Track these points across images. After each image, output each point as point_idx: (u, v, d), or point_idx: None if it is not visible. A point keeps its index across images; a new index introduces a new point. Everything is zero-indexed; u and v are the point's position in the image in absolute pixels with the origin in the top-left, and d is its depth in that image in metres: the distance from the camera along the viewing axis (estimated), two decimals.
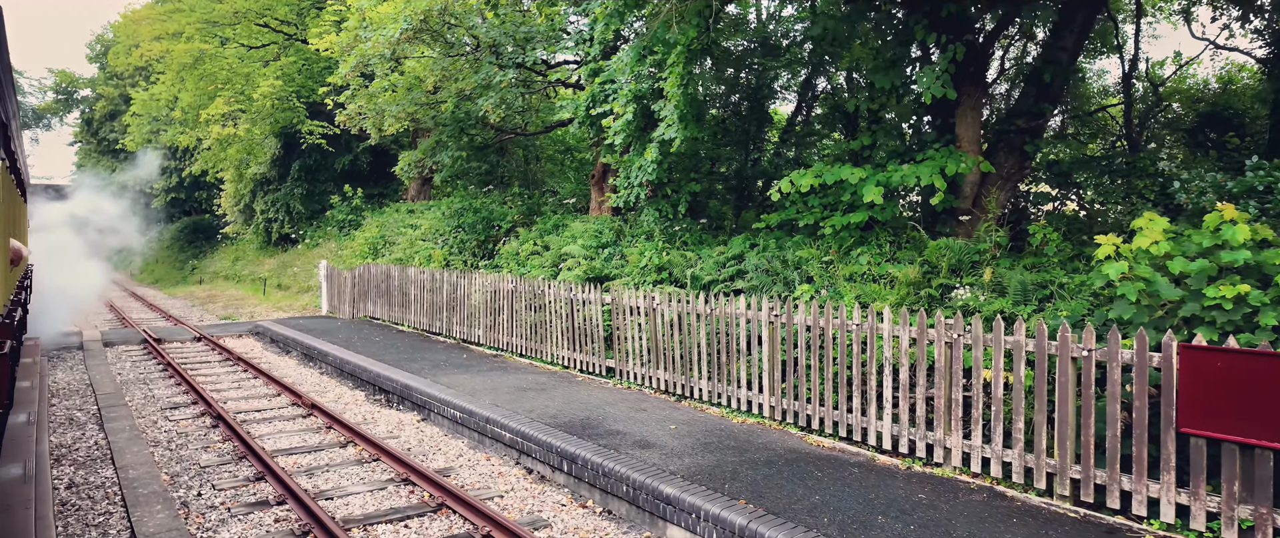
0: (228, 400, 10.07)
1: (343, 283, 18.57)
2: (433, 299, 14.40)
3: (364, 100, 14.18)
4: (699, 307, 8.05)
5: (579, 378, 9.79)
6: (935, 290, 7.07)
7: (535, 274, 13.02)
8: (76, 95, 45.13)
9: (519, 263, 14.18)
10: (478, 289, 12.89)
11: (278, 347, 14.63)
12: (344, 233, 24.90)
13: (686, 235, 11.43)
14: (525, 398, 8.45)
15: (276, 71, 20.65)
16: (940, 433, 5.73)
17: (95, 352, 13.77)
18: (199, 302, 25.76)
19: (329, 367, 12.08)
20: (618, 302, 9.45)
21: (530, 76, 14.49)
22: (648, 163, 10.32)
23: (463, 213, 18.61)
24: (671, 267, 10.66)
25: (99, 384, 10.72)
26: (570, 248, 12.83)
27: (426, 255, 17.67)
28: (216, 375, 11.92)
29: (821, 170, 8.03)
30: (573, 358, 10.38)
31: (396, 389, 9.70)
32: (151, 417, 9.18)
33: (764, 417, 7.32)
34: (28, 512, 4.02)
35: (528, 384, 9.28)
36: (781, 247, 9.51)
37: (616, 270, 11.77)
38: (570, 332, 10.40)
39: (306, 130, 21.94)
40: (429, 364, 10.76)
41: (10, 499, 4.22)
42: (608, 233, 12.99)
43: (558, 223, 15.13)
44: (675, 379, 8.47)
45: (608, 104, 11.16)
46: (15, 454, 5.18)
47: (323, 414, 9.03)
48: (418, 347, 12.60)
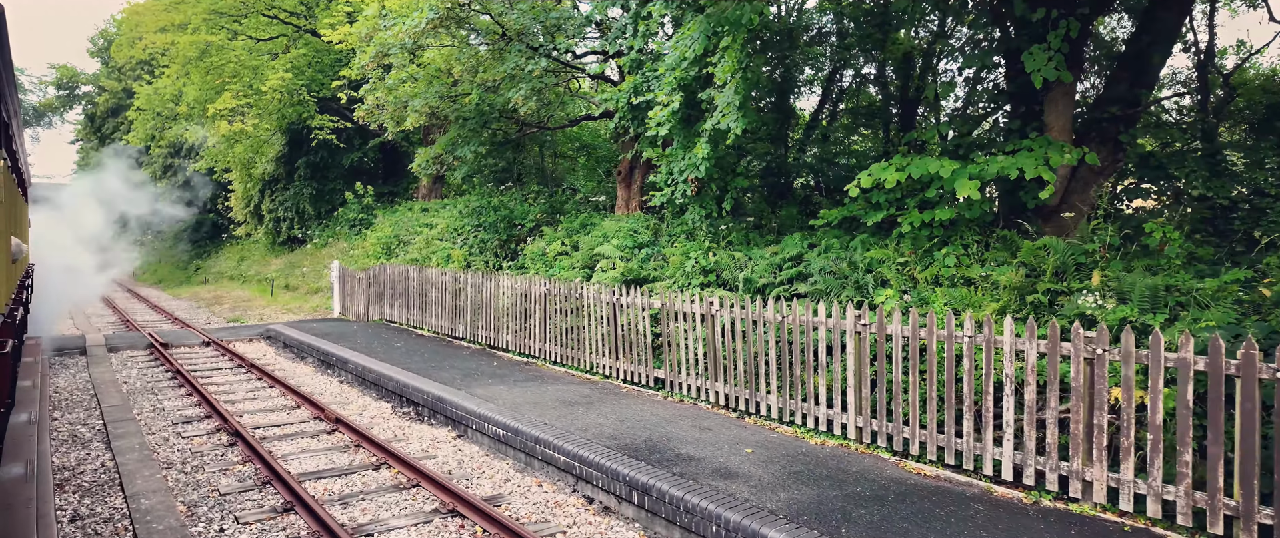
0: (244, 414, 9.32)
1: (356, 284, 17.83)
2: (455, 302, 13.65)
3: (383, 93, 13.41)
4: (767, 313, 7.28)
5: (623, 390, 9.04)
6: (1043, 297, 6.30)
7: (564, 276, 12.27)
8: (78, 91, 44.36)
9: (546, 264, 13.43)
10: (505, 292, 12.14)
11: (292, 352, 13.89)
12: (355, 232, 24.15)
13: (733, 235, 10.67)
14: (572, 413, 7.70)
15: (285, 64, 19.89)
16: (1077, 463, 4.97)
17: (99, 357, 13.03)
18: (205, 303, 25.03)
19: (349, 375, 11.33)
20: (668, 307, 8.69)
21: (558, 67, 13.73)
22: (696, 157, 9.55)
23: (482, 212, 17.86)
24: (720, 269, 9.90)
25: (104, 395, 9.98)
26: (604, 248, 12.07)
27: (445, 255, 16.92)
28: (229, 384, 11.18)
29: (904, 163, 7.26)
30: (614, 367, 9.62)
31: (427, 402, 8.95)
32: (162, 433, 8.43)
33: (847, 438, 6.56)
34: (29, 511, 3.97)
35: (571, 397, 8.53)
36: (846, 247, 8.75)
37: (655, 272, 11.02)
38: (612, 339, 9.64)
39: (316, 125, 21.17)
40: (459, 373, 10.00)
41: (12, 498, 4.16)
42: (644, 232, 12.23)
43: (585, 222, 14.38)
44: (737, 393, 7.71)
45: (650, 94, 10.39)
46: (17, 454, 5.12)
47: (349, 430, 8.28)
48: (442, 353, 11.84)
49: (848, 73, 15.39)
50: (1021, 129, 8.01)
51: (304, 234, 27.77)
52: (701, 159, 9.51)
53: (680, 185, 10.45)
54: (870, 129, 16.83)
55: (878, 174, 7.30)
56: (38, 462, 5.05)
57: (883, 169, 7.29)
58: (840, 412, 6.60)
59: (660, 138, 10.83)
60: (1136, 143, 8.35)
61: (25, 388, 7.64)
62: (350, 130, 24.81)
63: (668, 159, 10.71)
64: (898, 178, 7.05)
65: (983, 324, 5.50)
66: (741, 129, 8.29)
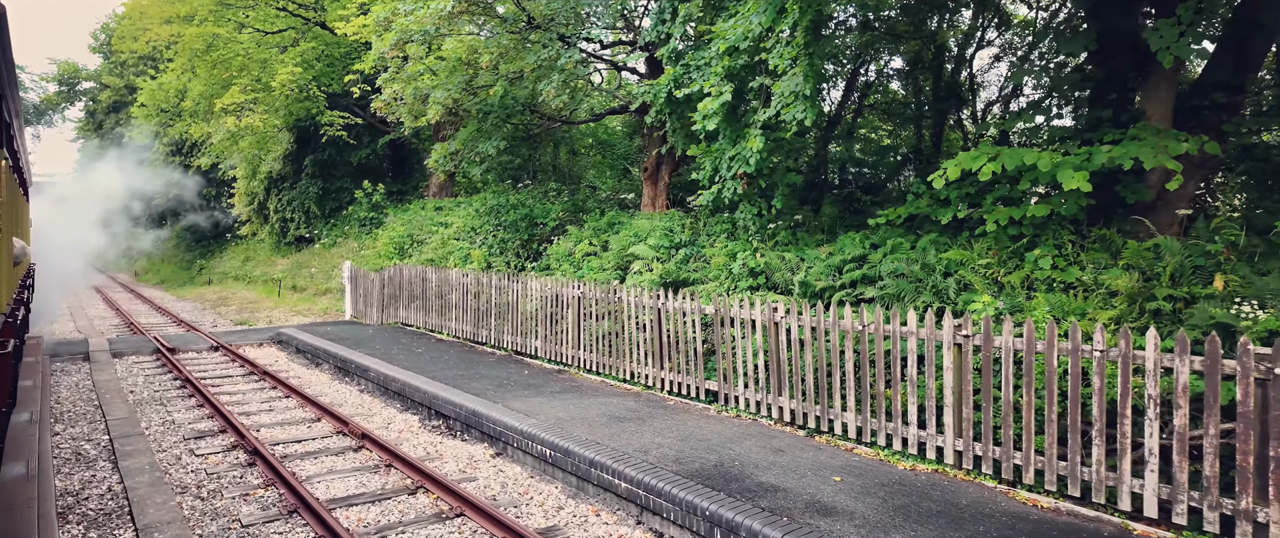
0: (261, 428, 8.63)
1: (370, 286, 17.14)
2: (478, 305, 12.97)
3: (402, 84, 12.72)
4: (843, 321, 6.58)
5: (671, 403, 8.35)
6: (1165, 304, 5.61)
7: (594, 277, 11.59)
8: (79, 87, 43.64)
9: (573, 265, 12.74)
10: (532, 295, 11.45)
11: (306, 358, 13.21)
12: (365, 232, 23.46)
13: (781, 234, 9.98)
14: (624, 431, 7.01)
15: (295, 58, 19.19)
16: (1246, 501, 4.27)
17: (103, 363, 12.35)
18: (210, 305, 24.35)
19: (369, 383, 10.65)
20: (722, 312, 7.99)
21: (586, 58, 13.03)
22: (748, 151, 8.85)
23: (500, 210, 17.16)
24: (770, 271, 9.20)
25: (109, 406, 9.30)
26: (637, 248, 11.38)
27: (463, 256, 16.23)
28: (242, 394, 10.49)
29: (994, 153, 6.56)
30: (658, 377, 8.93)
31: (460, 415, 8.26)
32: (174, 450, 7.75)
33: (944, 463, 5.86)
34: (31, 511, 4.00)
35: (617, 411, 7.84)
36: (913, 247, 8.05)
37: (694, 274, 10.33)
38: (655, 346, 8.95)
39: (326, 122, 20.47)
40: (491, 383, 9.32)
41: (13, 498, 4.19)
42: (681, 232, 11.54)
43: (613, 220, 13.69)
44: (805, 409, 7.01)
45: (693, 86, 9.69)
46: (18, 453, 5.10)
47: (377, 447, 7.59)
48: (467, 360, 11.16)
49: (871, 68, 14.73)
50: (1114, 118, 7.31)
51: (311, 234, 27.09)
52: (754, 153, 8.81)
53: (727, 182, 9.75)
54: (894, 125, 16.15)
55: (967, 165, 6.60)
56: (39, 462, 5.05)
57: (972, 159, 6.59)
58: (934, 433, 5.91)
59: (704, 132, 10.14)
60: (1241, 132, 7.65)
61: (26, 388, 7.64)
62: (359, 127, 24.15)
63: (713, 154, 10.02)
64: (992, 170, 6.35)
65: (1118, 337, 4.80)
66: (810, 120, 7.59)
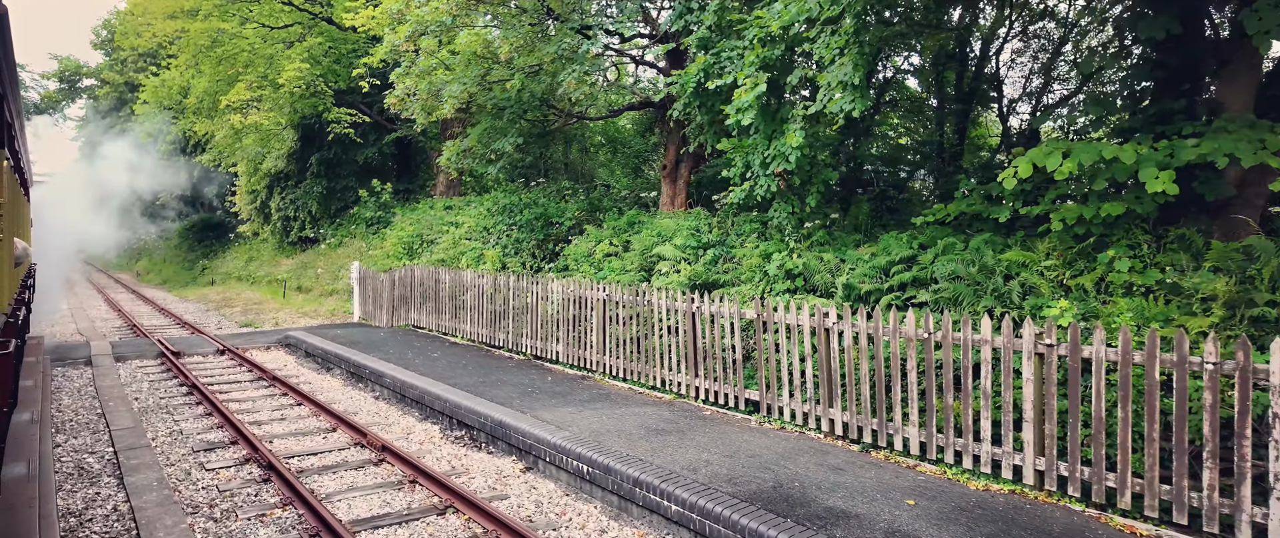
0: (274, 438, 8.17)
1: (379, 287, 16.69)
2: (494, 307, 12.51)
3: (415, 79, 12.25)
4: (905, 329, 6.12)
5: (707, 413, 7.89)
6: (1268, 309, 5.14)
7: (616, 279, 11.14)
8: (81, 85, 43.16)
9: (593, 266, 12.28)
10: (553, 297, 10.99)
11: (316, 362, 12.75)
12: (372, 232, 22.99)
13: (818, 234, 9.51)
14: (665, 445, 6.55)
15: (302, 53, 18.72)
16: None
17: (106, 368, 11.90)
18: (214, 305, 23.89)
19: (384, 390, 10.19)
20: (765, 317, 7.52)
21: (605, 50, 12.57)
22: (786, 147, 8.39)
23: (513, 210, 16.71)
24: (809, 273, 8.74)
25: (114, 414, 8.84)
26: (662, 249, 10.92)
27: (475, 256, 15.77)
28: (252, 401, 10.04)
29: (1066, 148, 6.09)
30: (692, 385, 8.47)
31: (484, 426, 7.80)
32: (183, 464, 7.29)
33: (1022, 483, 5.39)
34: (32, 511, 3.99)
35: (653, 422, 7.38)
36: (968, 248, 7.58)
37: (725, 276, 9.87)
38: (689, 352, 8.48)
39: (333, 119, 20.00)
40: (515, 391, 8.85)
41: (15, 498, 4.18)
42: (708, 231, 11.08)
43: (633, 219, 13.23)
44: (860, 423, 6.55)
45: (725, 77, 9.22)
46: (19, 453, 5.09)
47: (399, 460, 7.13)
48: (485, 365, 10.69)
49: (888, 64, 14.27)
50: (1188, 109, 6.84)
51: (316, 234, 26.63)
52: (793, 148, 8.35)
53: (761, 179, 9.28)
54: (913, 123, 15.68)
55: (1039, 160, 6.13)
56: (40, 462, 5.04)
57: (1043, 154, 6.12)
58: (1010, 450, 5.44)
59: (736, 126, 9.68)
60: None
61: (27, 388, 7.59)
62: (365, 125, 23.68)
63: (745, 150, 9.55)
64: (1069, 168, 5.88)
65: (1235, 347, 4.33)
66: (858, 111, 7.13)
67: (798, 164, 8.61)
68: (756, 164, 9.33)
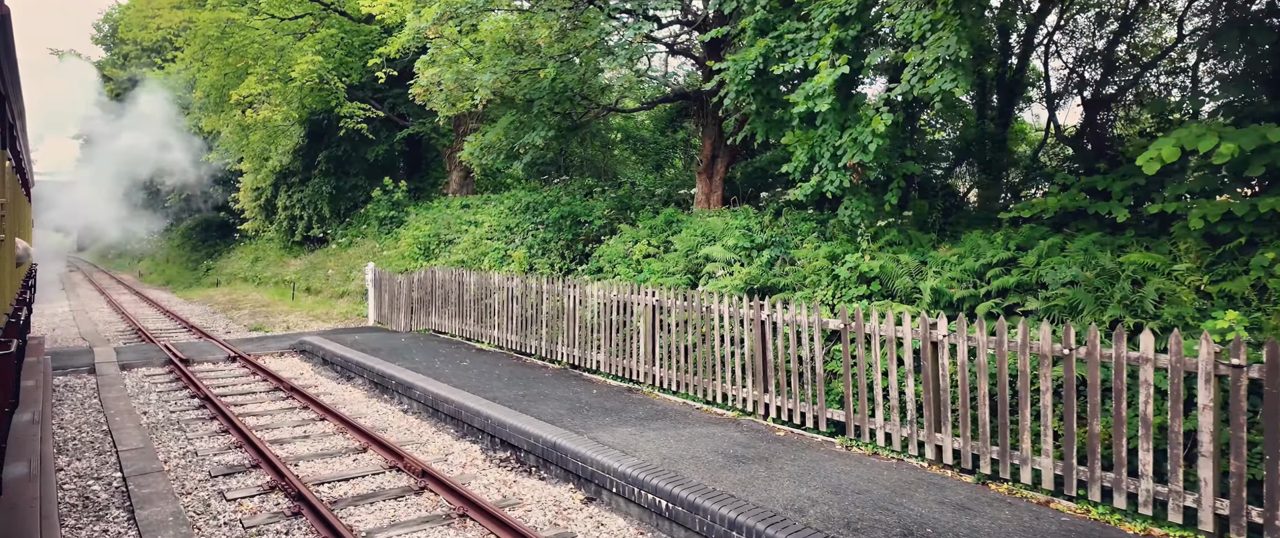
0: (299, 460, 7.37)
1: (396, 289, 15.88)
2: (525, 312, 11.70)
3: (441, 68, 11.45)
4: (1039, 344, 5.30)
5: (781, 434, 7.09)
6: None
7: (657, 282, 10.35)
8: None
9: (631, 267, 11.47)
10: (593, 302, 10.19)
11: (335, 371, 11.95)
12: (385, 231, 22.19)
13: (892, 233, 8.71)
14: (751, 476, 5.74)
15: (314, 46, 17.92)
16: None
17: (110, 378, 11.10)
18: (220, 308, 23.10)
19: (413, 403, 9.39)
20: (854, 327, 6.71)
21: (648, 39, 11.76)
22: (865, 135, 7.59)
23: (537, 208, 15.91)
24: (887, 277, 7.93)
25: (121, 433, 8.04)
26: (710, 249, 10.11)
27: (498, 257, 14.97)
28: (270, 415, 9.24)
29: (1219, 129, 5.29)
30: (760, 401, 7.65)
31: (535, 448, 6.99)
32: (200, 492, 6.49)
33: (1199, 529, 4.58)
34: (33, 510, 3.98)
35: (727, 446, 6.57)
36: (1071, 249, 6.78)
37: (784, 280, 9.06)
38: (757, 365, 7.67)
39: (346, 113, 19.20)
40: (562, 407, 8.05)
41: (16, 498, 4.17)
42: (760, 231, 10.27)
43: (671, 218, 12.42)
44: (976, 450, 5.74)
45: (792, 61, 8.41)
46: (20, 453, 5.05)
47: (443, 488, 6.34)
48: (521, 375, 9.89)
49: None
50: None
51: (325, 233, 25.83)
52: (875, 138, 7.54)
53: (830, 173, 8.46)
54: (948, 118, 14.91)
55: (1188, 142, 5.33)
56: (41, 462, 5.00)
57: (1193, 136, 5.31)
58: (1180, 489, 4.63)
59: (798, 116, 8.87)
60: None
61: (29, 388, 7.57)
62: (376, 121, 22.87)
63: (810, 141, 8.74)
64: (1229, 150, 5.08)
65: None
66: (963, 90, 6.33)
67: (876, 155, 7.81)
68: (825, 157, 8.52)
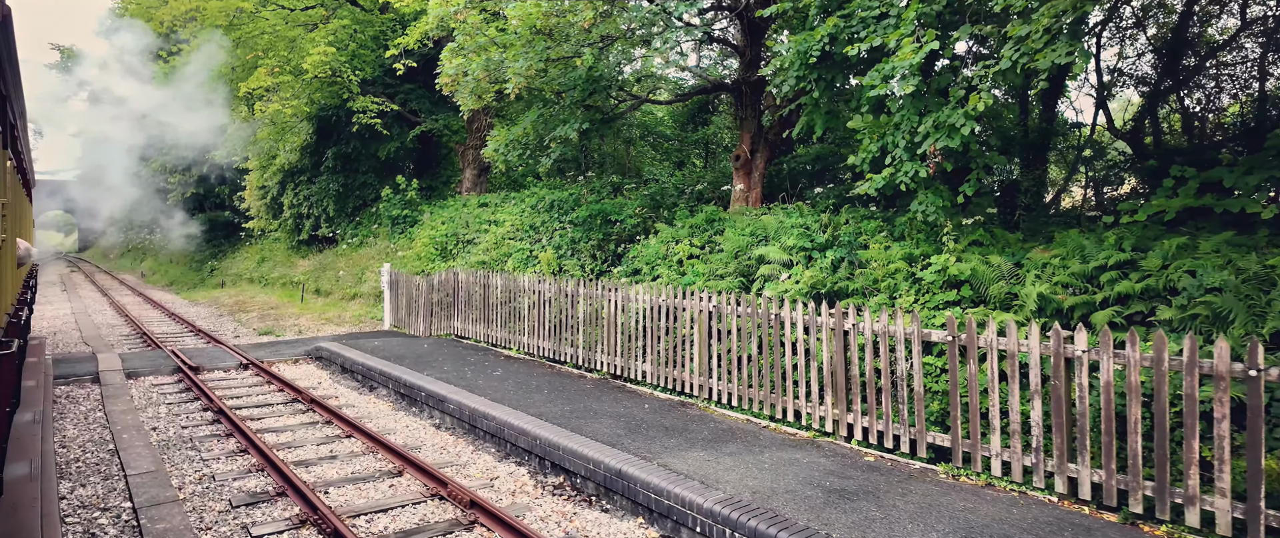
0: (329, 486, 6.60)
1: (414, 292, 15.10)
2: (556, 317, 10.93)
3: (470, 56, 10.66)
4: (1215, 362, 4.52)
5: (871, 459, 6.31)
6: None
7: (704, 285, 9.59)
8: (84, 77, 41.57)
9: (673, 269, 10.70)
10: (637, 307, 9.42)
11: (355, 380, 11.18)
12: (398, 231, 21.42)
13: (977, 232, 7.93)
14: (865, 517, 4.97)
15: (327, 36, 17.15)
16: None
17: (116, 388, 10.34)
18: (227, 310, 22.34)
19: (447, 417, 8.62)
20: (965, 340, 5.93)
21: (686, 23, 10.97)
22: (958, 118, 6.81)
23: (563, 206, 15.14)
24: (980, 282, 7.14)
25: (129, 453, 7.27)
26: (765, 250, 9.34)
27: (523, 258, 14.21)
28: (290, 431, 8.47)
29: None
30: (842, 421, 6.86)
31: (595, 475, 6.22)
32: (222, 528, 5.71)
33: None
34: (34, 510, 3.95)
35: (817, 475, 5.80)
36: (1197, 248, 6.00)
37: (853, 284, 8.28)
38: (838, 381, 6.89)
39: (359, 108, 18.43)
40: (616, 424, 7.26)
41: (18, 497, 4.15)
42: (819, 230, 9.49)
43: (712, 216, 11.65)
44: (1123, 485, 4.95)
45: (868, 40, 7.62)
46: (22, 453, 5.05)
47: (498, 524, 5.56)
48: (560, 386, 9.12)
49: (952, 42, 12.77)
50: None
51: (333, 232, 25.07)
52: (966, 120, 6.77)
53: (905, 164, 7.68)
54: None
55: None
56: (42, 462, 4.97)
57: None
58: None
59: (869, 102, 8.11)
60: None
61: (30, 388, 7.56)
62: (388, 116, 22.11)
63: (881, 129, 7.96)
64: None
65: None
66: (1081, 66, 5.56)
67: (963, 141, 7.03)
68: (899, 146, 7.75)
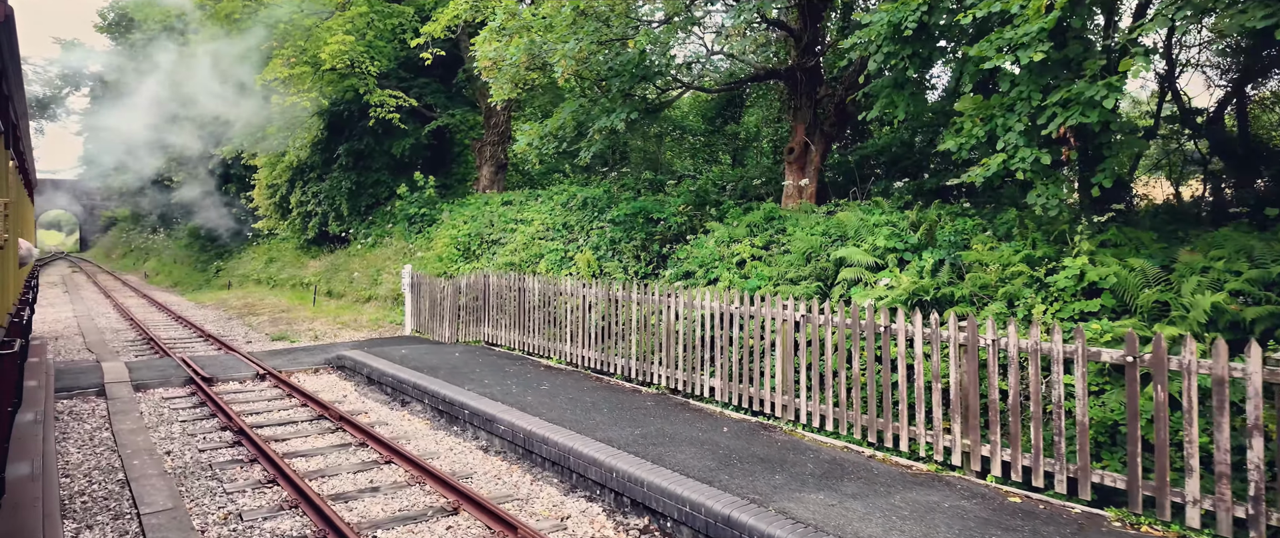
0: (376, 530, 5.65)
1: (439, 295, 14.16)
2: (604, 324, 9.98)
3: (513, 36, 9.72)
4: None
5: (1016, 499, 5.36)
6: None
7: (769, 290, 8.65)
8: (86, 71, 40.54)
9: (731, 271, 9.75)
10: (701, 313, 8.46)
11: (383, 392, 10.23)
12: (415, 230, 20.47)
13: (1110, 231, 6.97)
14: None
15: (344, 25, 16.19)
16: None
17: (123, 402, 9.41)
18: (236, 313, 21.39)
19: (495, 439, 7.67)
20: (1151, 361, 4.96)
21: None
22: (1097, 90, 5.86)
23: (597, 204, 14.18)
24: (1122, 289, 6.18)
25: (141, 484, 6.33)
26: (846, 252, 8.38)
27: (557, 258, 13.26)
28: (322, 456, 7.52)
29: None
30: (975, 453, 5.89)
31: (691, 519, 5.26)
32: None
33: None
34: (35, 510, 3.97)
35: (977, 529, 4.85)
36: None
37: (958, 289, 7.33)
38: (972, 405, 5.94)
39: (376, 101, 17.48)
40: (703, 454, 6.30)
41: (19, 497, 4.16)
42: (908, 229, 8.53)
43: (772, 214, 10.71)
44: None
45: (980, 7, 6.66)
46: (23, 453, 5.09)
47: None
48: (619, 403, 8.16)
49: None
50: None
51: (344, 232, 24.11)
52: (1109, 93, 5.82)
53: (1021, 151, 6.73)
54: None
55: None
56: (44, 461, 5.02)
57: None
58: None
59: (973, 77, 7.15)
60: None
61: (31, 388, 7.52)
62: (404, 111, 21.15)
63: (990, 109, 7.00)
64: None
65: None
66: None
67: (1102, 120, 6.08)
68: (1014, 128, 6.80)
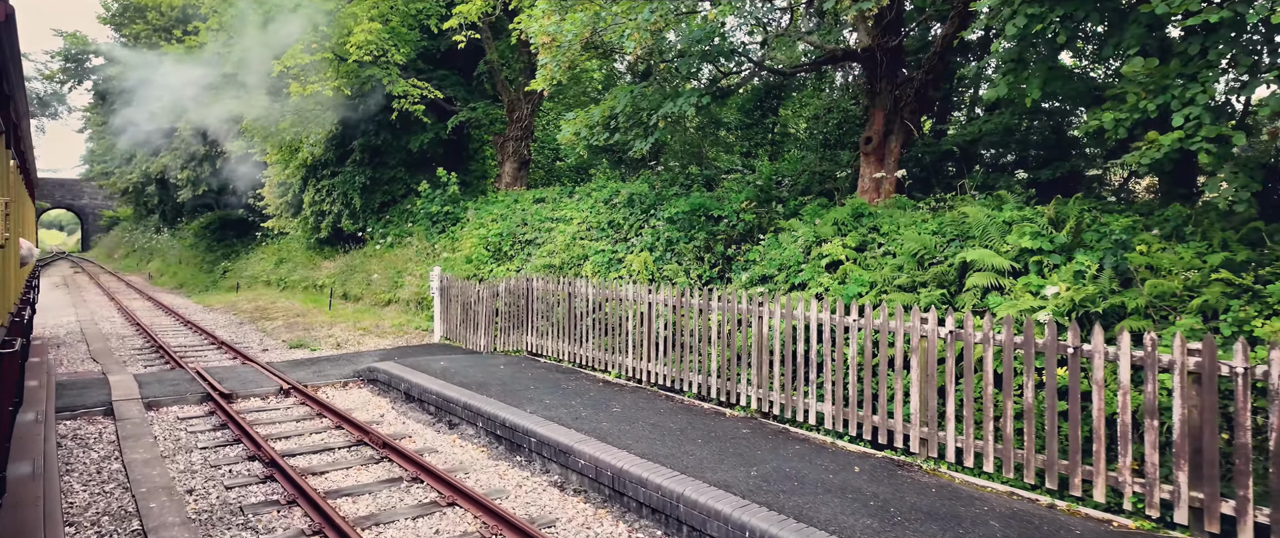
0: None
1: (472, 300, 13.00)
2: (673, 336, 8.83)
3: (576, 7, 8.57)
4: None
5: None
6: None
7: (875, 297, 7.52)
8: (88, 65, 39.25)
9: (826, 277, 8.59)
10: (803, 325, 7.29)
11: (423, 410, 9.08)
12: (437, 230, 19.32)
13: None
14: None
15: (368, 10, 15.02)
16: None
17: (134, 424, 8.26)
18: (247, 317, 20.24)
19: (573, 474, 6.51)
20: None
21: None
22: None
23: (645, 201, 13.02)
24: None
25: (160, 536, 5.18)
26: (979, 255, 7.21)
27: (604, 260, 12.11)
28: (370, 493, 6.37)
29: None
30: (1212, 510, 4.73)
31: None
32: None
33: None
34: (36, 509, 3.98)
35: None
36: None
37: (1125, 298, 6.17)
38: (1205, 450, 4.77)
39: (400, 92, 16.32)
40: (852, 506, 5.13)
41: (20, 496, 4.16)
42: (1052, 228, 7.36)
43: (859, 210, 9.56)
44: None
45: None
46: (24, 452, 5.08)
47: None
48: (707, 430, 6.99)
49: None
50: None
51: (358, 231, 22.97)
52: None
53: (1206, 128, 5.58)
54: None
55: None
56: (45, 461, 4.99)
57: None
58: None
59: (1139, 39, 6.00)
60: None
61: (32, 388, 7.48)
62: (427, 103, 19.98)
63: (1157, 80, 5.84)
64: None
65: None
66: None
67: None
68: (1198, 100, 5.65)
